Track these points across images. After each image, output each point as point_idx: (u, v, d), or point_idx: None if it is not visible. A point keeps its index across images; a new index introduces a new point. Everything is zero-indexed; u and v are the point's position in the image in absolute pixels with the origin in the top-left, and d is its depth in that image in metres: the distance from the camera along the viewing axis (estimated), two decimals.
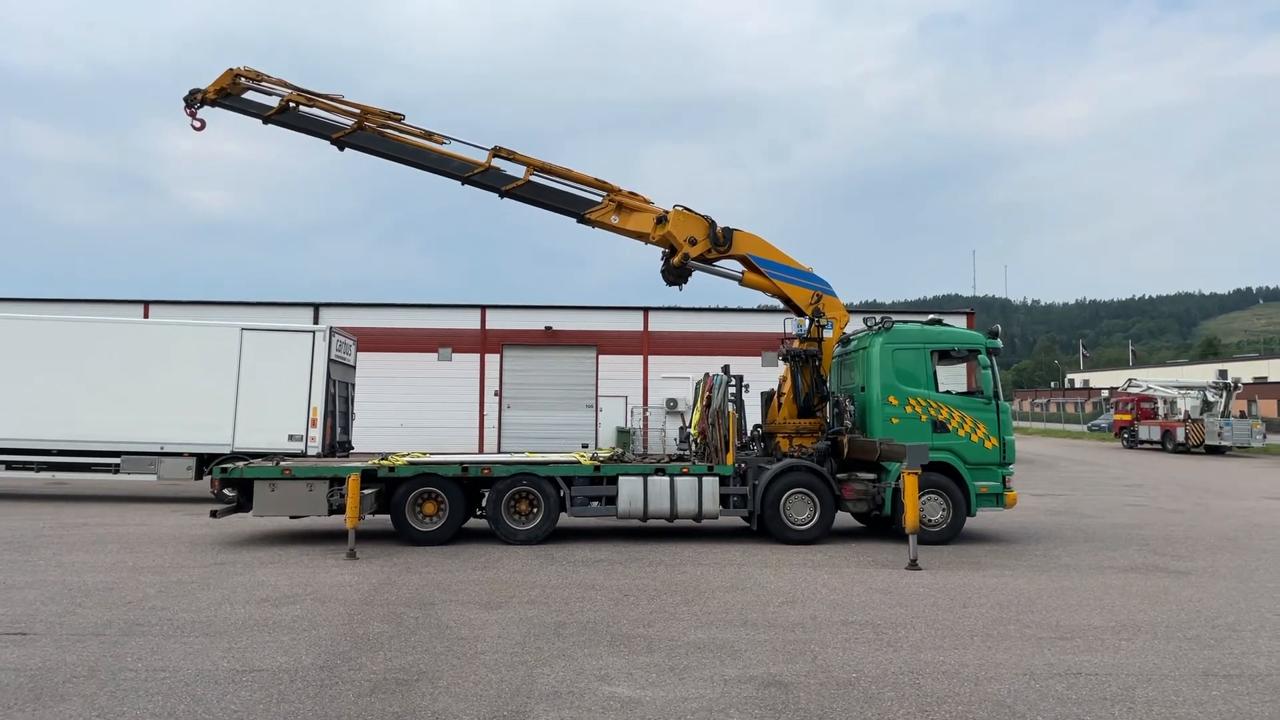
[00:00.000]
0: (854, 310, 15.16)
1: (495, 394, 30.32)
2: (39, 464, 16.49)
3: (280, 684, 5.75)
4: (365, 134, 13.58)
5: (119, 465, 16.39)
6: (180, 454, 16.40)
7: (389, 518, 11.61)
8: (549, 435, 28.70)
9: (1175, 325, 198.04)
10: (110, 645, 6.61)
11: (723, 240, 13.27)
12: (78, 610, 7.71)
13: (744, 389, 13.04)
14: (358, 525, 10.52)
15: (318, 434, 16.77)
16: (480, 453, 26.06)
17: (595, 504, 11.75)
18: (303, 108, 13.80)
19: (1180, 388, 39.18)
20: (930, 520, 11.62)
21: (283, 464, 11.87)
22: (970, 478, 11.94)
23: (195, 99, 13.94)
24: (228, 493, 11.59)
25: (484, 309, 31.12)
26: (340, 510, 11.06)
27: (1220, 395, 36.40)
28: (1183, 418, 36.57)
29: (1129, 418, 41.27)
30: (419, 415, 28.43)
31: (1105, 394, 69.34)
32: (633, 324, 31.18)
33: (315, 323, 26.39)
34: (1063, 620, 7.68)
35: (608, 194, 13.44)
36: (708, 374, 13.76)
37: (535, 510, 11.57)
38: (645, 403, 30.40)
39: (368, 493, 11.10)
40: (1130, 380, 43.91)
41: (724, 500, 11.76)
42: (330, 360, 17.19)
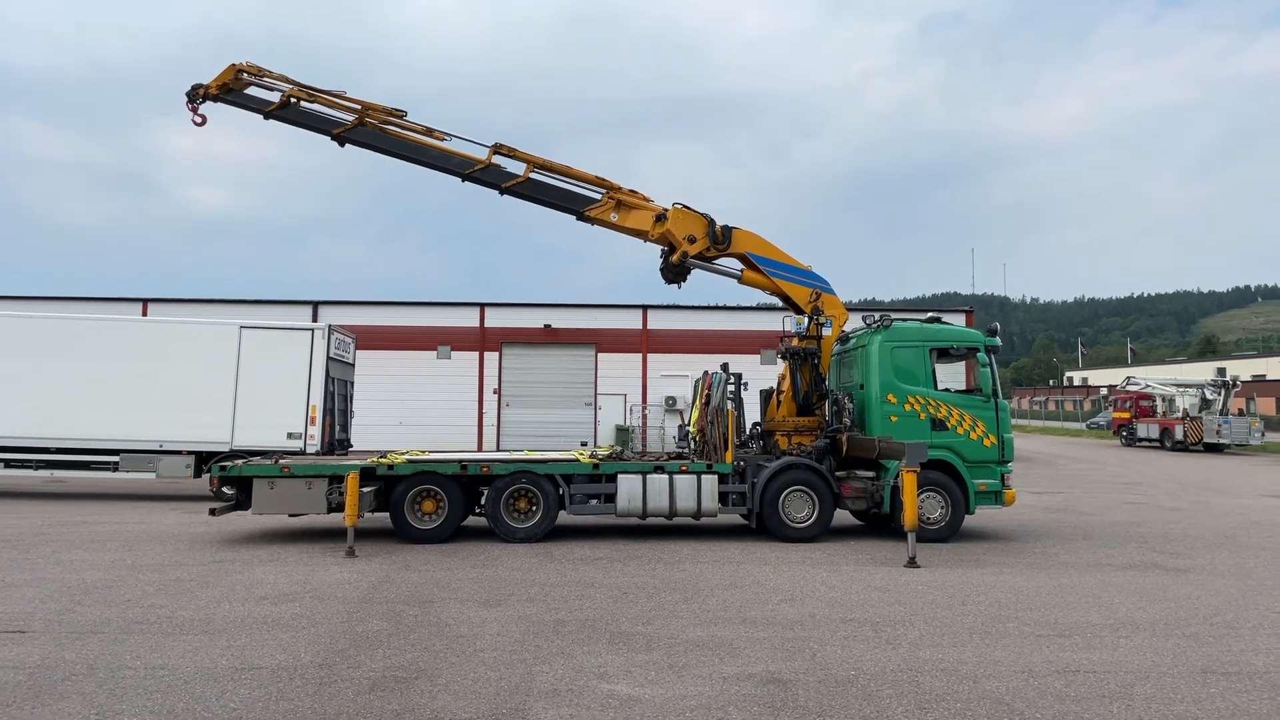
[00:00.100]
0: (853, 308, 15.14)
1: (494, 392, 30.31)
2: (38, 462, 16.46)
3: (279, 682, 5.75)
4: (366, 130, 13.57)
5: (118, 463, 16.35)
6: (179, 452, 16.37)
7: (388, 516, 11.61)
8: (548, 433, 28.66)
9: (1174, 323, 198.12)
10: (109, 643, 6.61)
11: (721, 238, 13.26)
12: (76, 608, 7.71)
13: (743, 387, 13.02)
14: (357, 523, 10.53)
15: (317, 432, 16.78)
16: (479, 451, 26.09)
17: (594, 502, 11.75)
18: (304, 103, 13.77)
19: (1179, 386, 39.19)
20: (929, 518, 11.63)
21: (282, 462, 11.88)
22: (969, 475, 11.95)
23: (197, 94, 13.93)
24: (226, 491, 11.60)
25: (483, 307, 31.10)
26: (339, 508, 11.06)
27: (1219, 393, 36.40)
28: (1181, 416, 36.55)
29: (1127, 416, 41.25)
30: (418, 413, 28.39)
31: (1104, 392, 69.24)
32: (632, 322, 31.16)
33: (314, 321, 26.37)
34: (1061, 618, 7.69)
35: (607, 191, 13.43)
36: (707, 372, 13.77)
37: (534, 508, 11.57)
38: (644, 401, 30.39)
39: (367, 491, 11.09)
40: (1129, 378, 43.90)
41: (723, 498, 11.77)
42: (329, 358, 17.19)
